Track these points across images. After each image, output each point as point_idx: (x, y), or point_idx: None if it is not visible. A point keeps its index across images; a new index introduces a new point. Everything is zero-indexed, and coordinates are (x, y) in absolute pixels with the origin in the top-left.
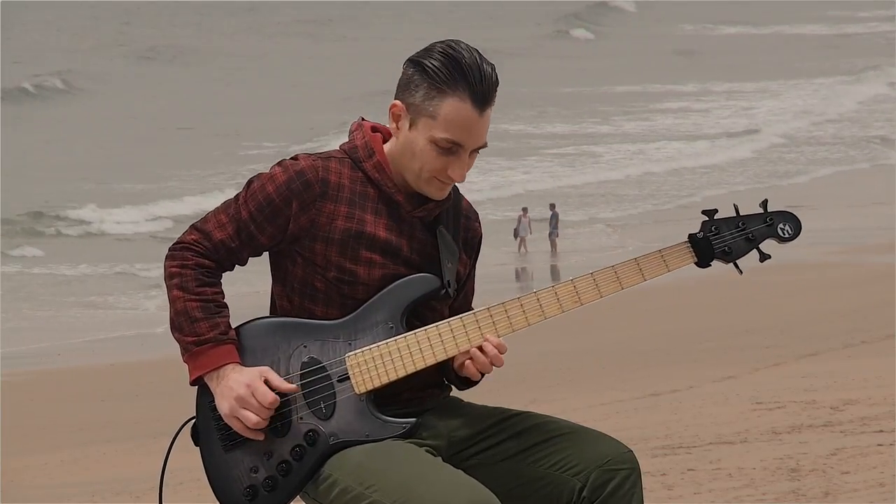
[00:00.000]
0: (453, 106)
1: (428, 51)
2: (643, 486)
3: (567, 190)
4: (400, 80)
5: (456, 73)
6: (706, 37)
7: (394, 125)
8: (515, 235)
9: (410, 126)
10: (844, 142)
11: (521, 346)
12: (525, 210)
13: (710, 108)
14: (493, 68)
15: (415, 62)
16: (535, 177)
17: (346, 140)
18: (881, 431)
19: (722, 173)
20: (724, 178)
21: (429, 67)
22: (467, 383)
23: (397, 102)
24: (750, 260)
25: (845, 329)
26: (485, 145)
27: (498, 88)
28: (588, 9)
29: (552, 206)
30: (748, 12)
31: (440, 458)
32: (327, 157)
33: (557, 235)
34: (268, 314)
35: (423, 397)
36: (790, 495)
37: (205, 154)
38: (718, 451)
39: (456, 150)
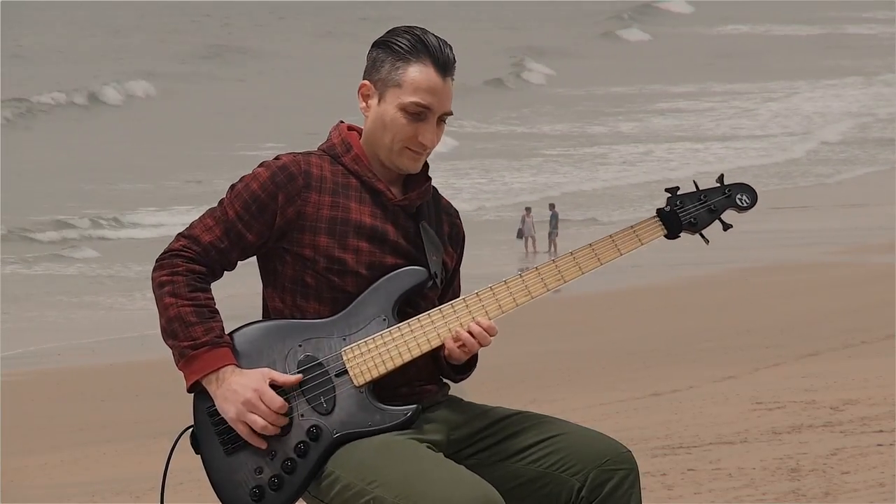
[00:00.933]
0: (418, 69)
1: (391, 32)
2: (643, 486)
3: (604, 191)
4: (366, 66)
5: (418, 45)
6: (752, 37)
7: (363, 105)
8: (520, 236)
9: (379, 101)
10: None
11: (521, 346)
12: (528, 210)
13: (754, 109)
14: (452, 49)
15: (379, 43)
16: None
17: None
18: (881, 431)
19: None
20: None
21: (393, 43)
22: (460, 371)
23: (365, 82)
24: (748, 259)
25: (845, 329)
26: (450, 112)
27: (455, 69)
28: (636, 9)
29: (552, 206)
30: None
31: (442, 454)
32: (307, 153)
33: (557, 235)
34: (259, 318)
35: (421, 393)
36: (790, 495)
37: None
38: (718, 451)
39: (424, 115)
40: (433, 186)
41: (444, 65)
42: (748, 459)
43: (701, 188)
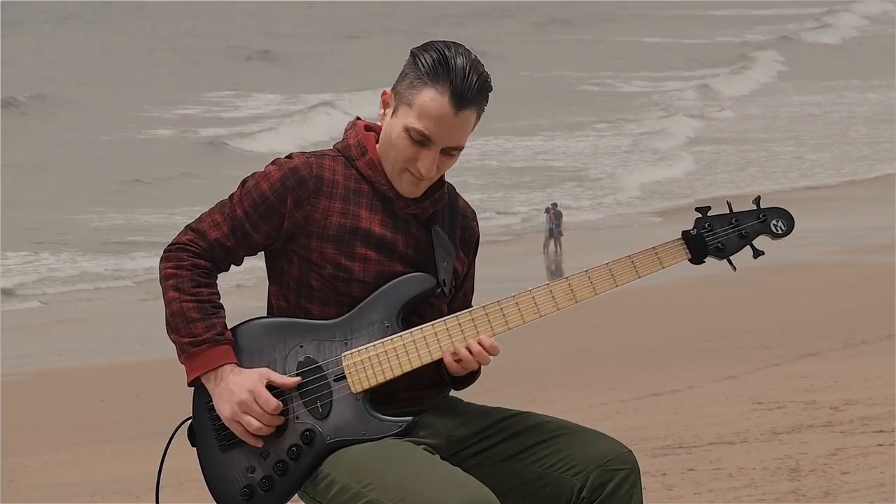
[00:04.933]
0: (430, 97)
1: (427, 44)
2: (643, 486)
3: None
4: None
5: (440, 68)
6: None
7: (381, 111)
8: (551, 234)
9: (393, 113)
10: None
11: (521, 346)
12: (554, 206)
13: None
14: (483, 77)
15: (413, 52)
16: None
17: (341, 139)
18: (881, 431)
19: None
20: None
21: (420, 58)
22: (462, 382)
23: (387, 90)
24: (748, 260)
25: (845, 329)
26: (459, 147)
27: (487, 98)
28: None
29: (554, 206)
30: None
31: (438, 456)
32: (321, 154)
33: (561, 234)
34: (264, 314)
35: (422, 397)
36: (790, 495)
37: None
38: (718, 451)
39: (427, 144)
40: (451, 185)
41: (461, 96)
42: (748, 459)
43: (735, 210)
